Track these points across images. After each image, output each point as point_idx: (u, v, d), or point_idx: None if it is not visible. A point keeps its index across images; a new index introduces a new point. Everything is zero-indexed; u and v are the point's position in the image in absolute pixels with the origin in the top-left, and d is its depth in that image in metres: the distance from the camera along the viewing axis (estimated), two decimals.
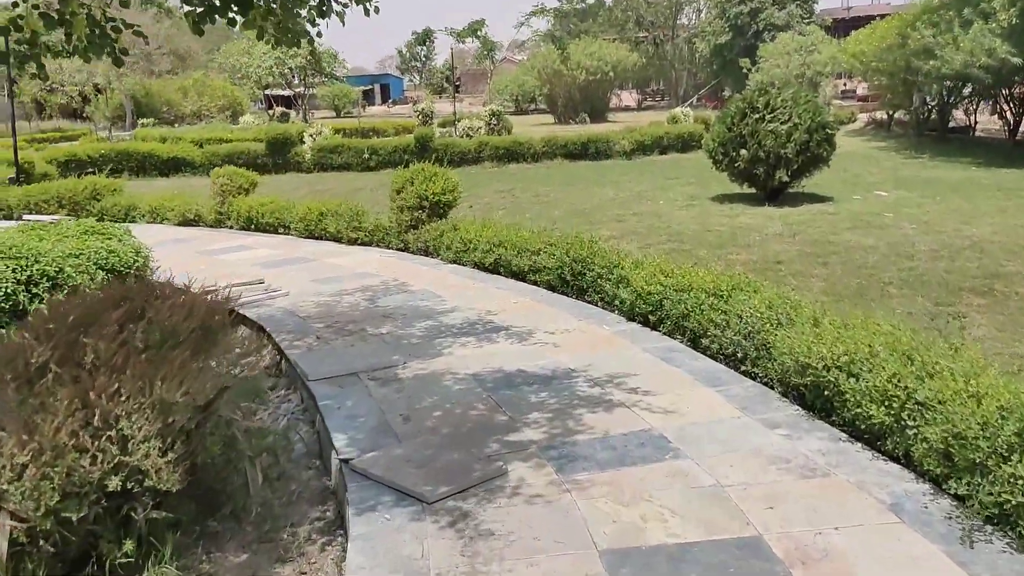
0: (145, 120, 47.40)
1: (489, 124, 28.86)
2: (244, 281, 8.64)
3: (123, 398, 3.65)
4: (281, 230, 12.06)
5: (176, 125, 48.29)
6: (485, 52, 51.93)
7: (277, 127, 26.67)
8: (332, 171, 23.68)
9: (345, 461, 4.44)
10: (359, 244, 10.95)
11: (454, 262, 9.47)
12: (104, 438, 3.60)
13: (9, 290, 7.99)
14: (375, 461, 4.36)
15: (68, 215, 14.31)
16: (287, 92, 55.91)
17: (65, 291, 8.43)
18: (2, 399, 3.67)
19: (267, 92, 56.63)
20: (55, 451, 3.55)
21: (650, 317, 6.67)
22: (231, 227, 12.80)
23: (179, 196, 13.70)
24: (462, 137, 26.19)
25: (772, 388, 5.29)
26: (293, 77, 54.04)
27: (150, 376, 3.74)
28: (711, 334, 5.95)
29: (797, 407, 5.00)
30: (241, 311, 7.77)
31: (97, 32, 4.80)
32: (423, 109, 37.26)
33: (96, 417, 3.59)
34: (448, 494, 3.99)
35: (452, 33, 47.60)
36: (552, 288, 8.04)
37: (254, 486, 4.33)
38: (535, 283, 8.26)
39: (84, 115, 51.62)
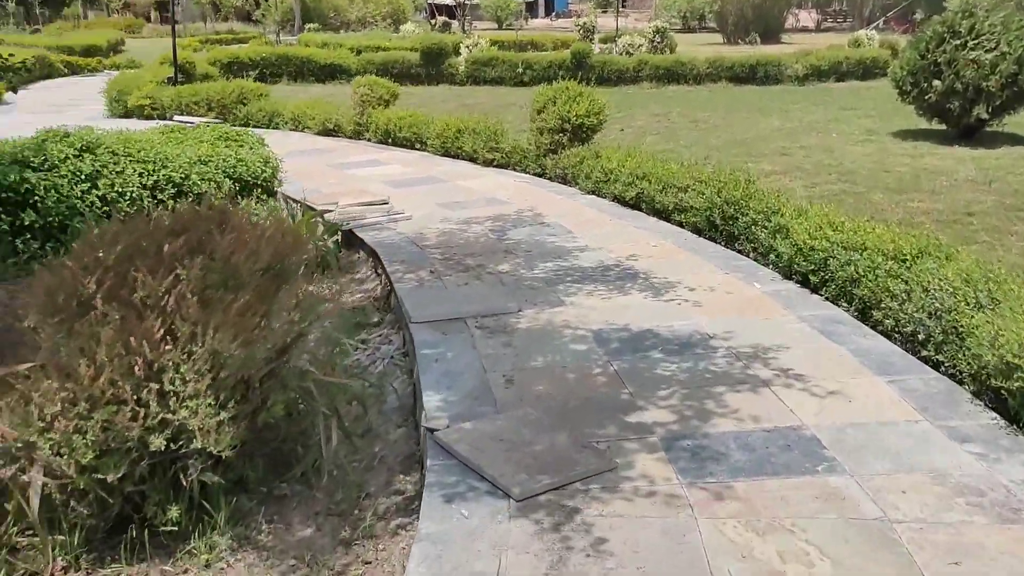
0: (311, 25, 48.04)
1: (652, 42, 27.16)
2: (367, 200, 8.15)
3: (168, 347, 3.13)
4: (418, 146, 11.51)
5: (340, 31, 48.78)
6: None
7: (432, 37, 26.10)
8: (485, 85, 22.98)
9: (430, 431, 3.82)
10: (494, 166, 10.24)
11: (592, 192, 8.61)
12: (146, 391, 3.10)
13: (135, 195, 7.83)
14: (464, 436, 3.71)
15: (216, 117, 14.34)
16: (450, 1, 55.27)
17: (190, 199, 8.24)
18: (43, 336, 3.23)
19: (430, 1, 56.27)
20: (90, 401, 3.09)
21: (811, 277, 5.64)
22: (368, 139, 12.37)
23: (320, 104, 13.38)
24: (621, 55, 24.77)
25: (961, 384, 4.24)
26: None
27: (203, 322, 3.20)
28: (886, 306, 4.89)
29: (995, 415, 3.95)
30: (359, 233, 7.29)
31: None
32: (585, 23, 35.65)
33: (138, 366, 3.09)
34: (541, 490, 3.30)
35: None
36: (698, 231, 7.08)
37: (327, 448, 3.80)
38: (680, 224, 7.31)
39: (254, 18, 52.99)
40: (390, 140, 11.88)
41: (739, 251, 6.58)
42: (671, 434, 3.76)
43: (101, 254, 3.29)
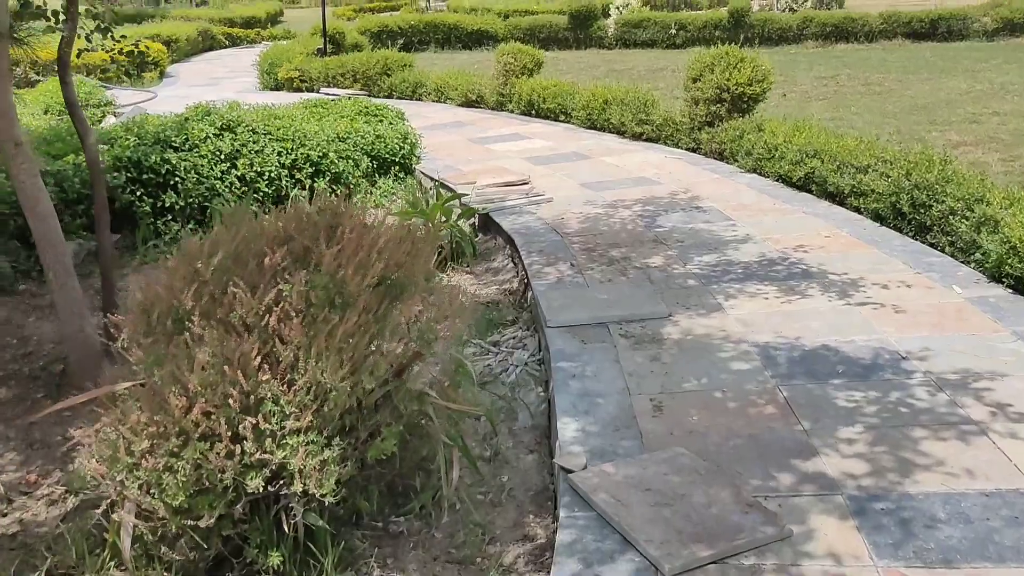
0: None
1: None
2: (507, 180, 7.65)
3: (266, 376, 2.73)
4: (562, 117, 10.89)
5: None
6: None
7: None
8: (636, 48, 22.01)
9: (566, 471, 3.29)
10: (644, 140, 9.51)
11: (754, 171, 7.77)
12: (242, 425, 2.72)
13: (273, 174, 7.66)
14: (604, 482, 3.15)
15: (362, 89, 14.24)
16: None
17: (328, 177, 8.03)
18: (134, 359, 2.91)
19: None
20: (182, 436, 2.73)
21: None
22: (511, 111, 11.85)
23: (463, 75, 12.95)
24: (784, 11, 23.11)
25: None
26: None
27: (305, 347, 2.78)
28: None
29: None
30: (497, 218, 6.81)
31: None
32: None
33: (234, 397, 2.71)
34: (698, 564, 2.70)
35: None
36: (880, 219, 6.16)
37: (448, 481, 3.34)
38: (857, 210, 6.40)
39: None
40: (534, 111, 11.32)
41: (932, 244, 5.64)
42: (860, 492, 3.06)
43: (200, 265, 2.93)
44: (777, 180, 7.39)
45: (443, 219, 6.34)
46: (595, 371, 4.08)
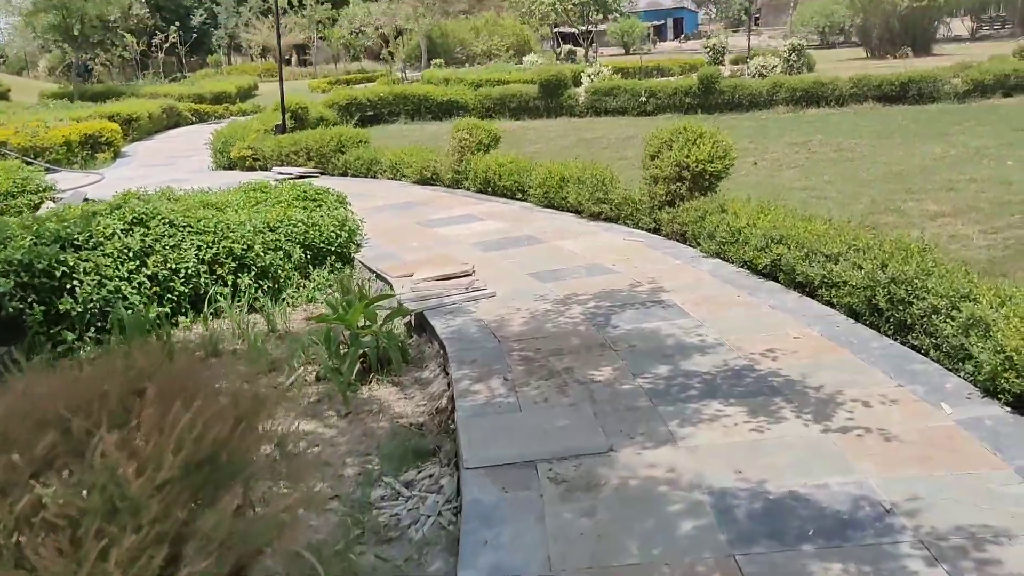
0: (436, 61, 48.31)
1: (788, 61, 25.17)
2: (448, 272, 6.97)
3: None
4: (519, 195, 10.29)
5: (467, 65, 48.78)
6: None
7: (551, 68, 25.02)
8: (606, 116, 21.70)
9: None
10: (603, 219, 8.88)
11: (717, 255, 7.12)
12: None
13: (192, 271, 6.96)
14: None
15: (316, 167, 13.67)
16: (575, 29, 54.43)
17: (253, 272, 7.33)
18: None
19: (556, 30, 55.70)
20: None
21: None
22: (468, 188, 11.25)
23: (420, 151, 12.39)
24: (754, 77, 22.94)
25: None
26: (577, 14, 52.33)
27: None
28: None
29: None
30: (431, 319, 6.10)
31: None
32: (714, 45, 33.79)
33: None
34: None
35: None
36: (855, 315, 5.48)
37: None
38: (830, 303, 5.73)
39: (382, 57, 53.84)
40: (490, 188, 10.74)
41: (915, 347, 4.95)
42: None
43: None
44: (742, 266, 6.74)
45: (367, 323, 5.62)
46: (513, 535, 3.32)
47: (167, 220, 7.12)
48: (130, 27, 65.35)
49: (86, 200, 12.52)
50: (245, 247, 7.21)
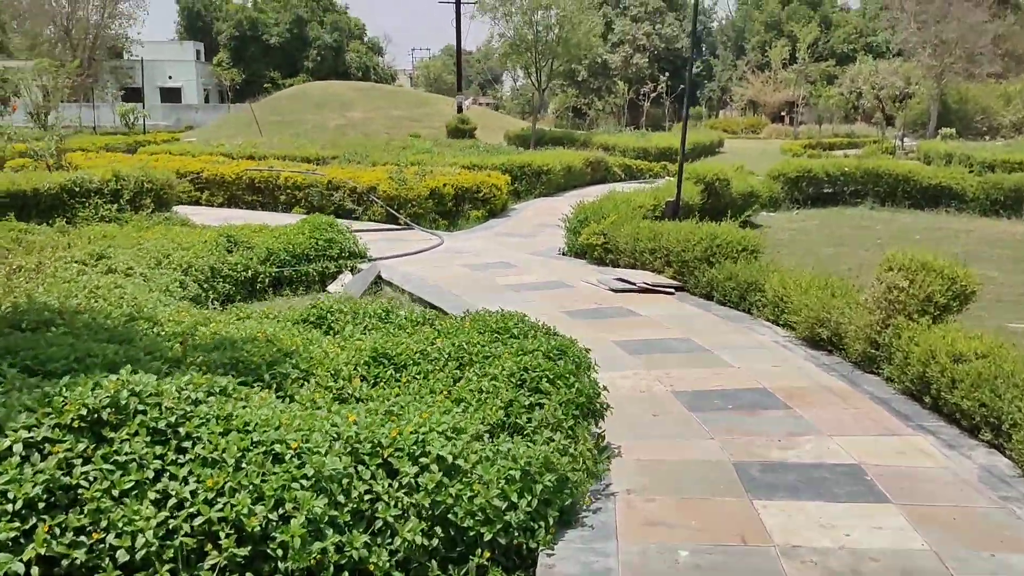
0: (946, 130, 40.18)
1: None
2: None
3: None
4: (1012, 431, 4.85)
5: (986, 139, 39.81)
6: None
7: None
8: None
9: None
10: None
11: None
12: None
13: None
14: None
15: (674, 275, 9.31)
16: None
17: None
18: None
19: None
20: None
21: None
22: (889, 379, 5.99)
23: (817, 285, 7.23)
24: None
25: None
26: None
27: None
28: None
29: None
30: None
31: None
32: None
33: None
34: None
35: None
36: None
37: None
38: None
39: (874, 121, 46.76)
40: (931, 397, 5.42)
41: None
42: None
43: None
44: None
45: None
46: None
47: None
48: (628, 75, 67.06)
49: (376, 281, 9.86)
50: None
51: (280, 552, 3.27)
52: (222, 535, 3.28)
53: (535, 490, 3.76)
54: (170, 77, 60.93)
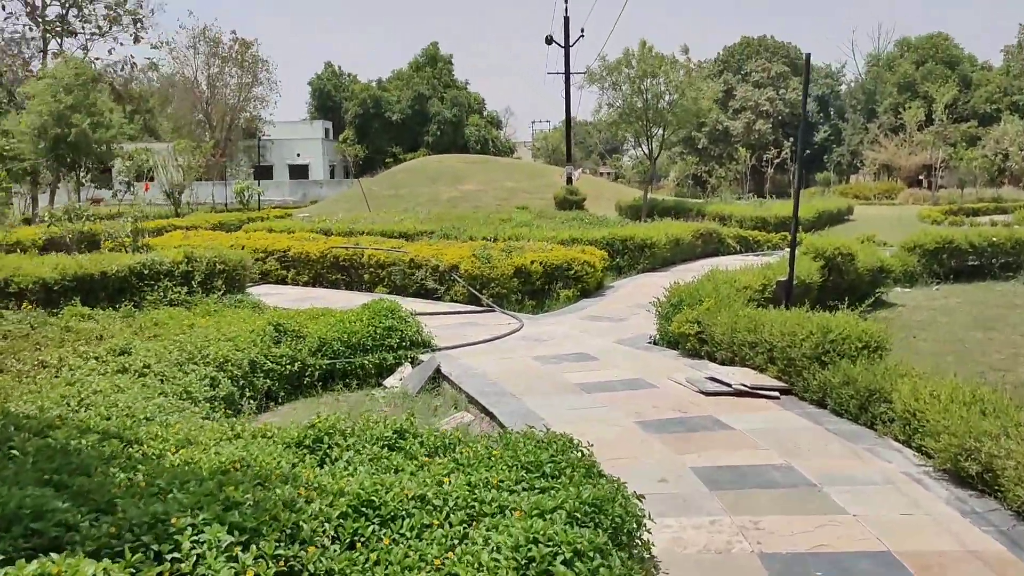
0: None
1: None
2: None
3: None
4: None
5: None
6: None
7: None
8: None
9: None
10: None
11: None
12: None
13: None
14: None
15: (780, 376, 7.78)
16: None
17: None
18: None
19: None
20: None
21: None
22: None
23: (956, 396, 5.66)
24: None
25: None
26: None
27: None
28: None
29: None
30: None
31: None
32: None
33: None
34: None
35: None
36: None
37: None
38: None
39: (1022, 183, 42.85)
40: None
41: None
42: None
43: None
44: None
45: None
46: None
47: None
48: (750, 141, 64.99)
49: (434, 376, 8.77)
50: None
51: None
52: None
53: None
54: (298, 154, 63.38)
